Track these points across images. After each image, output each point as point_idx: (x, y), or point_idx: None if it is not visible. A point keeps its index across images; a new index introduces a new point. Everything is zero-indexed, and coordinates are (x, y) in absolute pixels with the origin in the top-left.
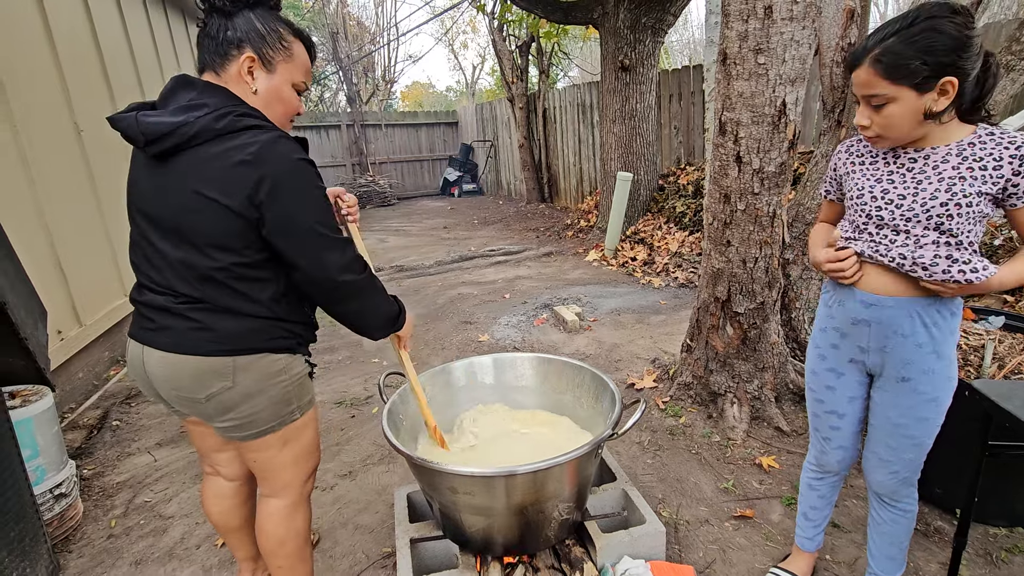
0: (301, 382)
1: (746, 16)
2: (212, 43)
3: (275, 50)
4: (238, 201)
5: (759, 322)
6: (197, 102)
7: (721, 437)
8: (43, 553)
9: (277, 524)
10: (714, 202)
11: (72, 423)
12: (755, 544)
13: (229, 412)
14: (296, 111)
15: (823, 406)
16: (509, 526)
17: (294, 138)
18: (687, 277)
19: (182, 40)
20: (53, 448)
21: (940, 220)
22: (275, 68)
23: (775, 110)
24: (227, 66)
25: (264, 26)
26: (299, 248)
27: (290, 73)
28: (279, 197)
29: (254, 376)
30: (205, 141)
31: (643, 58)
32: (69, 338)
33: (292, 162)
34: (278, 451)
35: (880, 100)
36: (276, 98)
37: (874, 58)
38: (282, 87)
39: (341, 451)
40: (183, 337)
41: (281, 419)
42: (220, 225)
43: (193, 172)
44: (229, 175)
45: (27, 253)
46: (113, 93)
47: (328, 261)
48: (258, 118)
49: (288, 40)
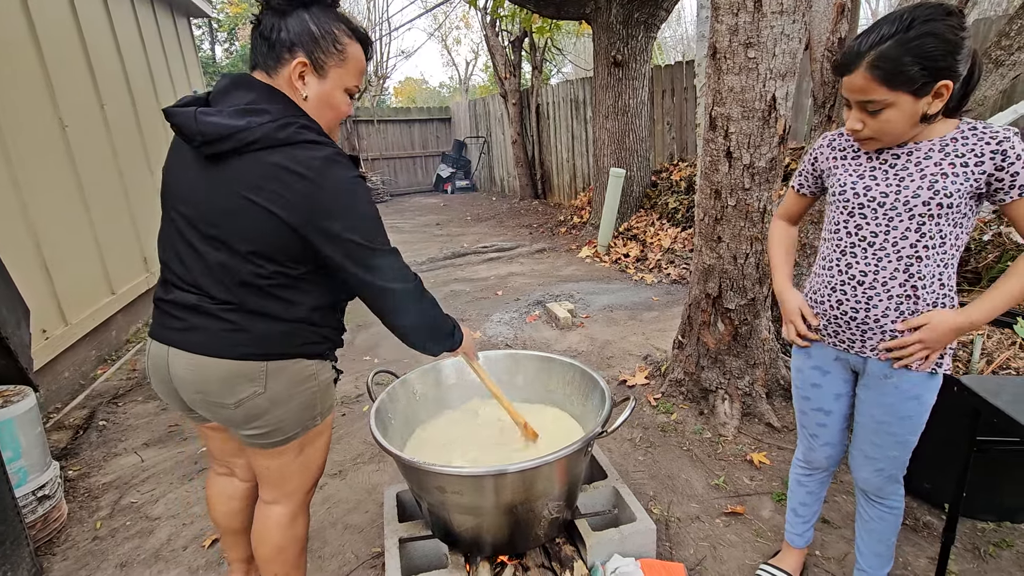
0: (327, 388)
1: (736, 10)
2: (265, 44)
3: (328, 54)
4: (291, 214)
5: (750, 318)
6: (257, 107)
7: (712, 433)
8: (25, 556)
9: (277, 531)
10: (705, 198)
11: (58, 423)
12: (746, 541)
13: (257, 419)
14: (345, 115)
15: (809, 403)
16: (498, 525)
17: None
18: (679, 273)
19: (169, 34)
20: (36, 449)
21: (922, 220)
22: (327, 73)
23: (765, 105)
24: (279, 69)
25: (318, 28)
26: (352, 260)
27: (342, 78)
28: (335, 215)
29: (285, 382)
30: (263, 148)
31: (636, 53)
32: (54, 337)
33: (348, 180)
34: (294, 458)
35: (877, 106)
36: (326, 104)
37: (871, 64)
38: (333, 92)
39: (331, 450)
40: (216, 338)
41: (304, 425)
42: (268, 234)
43: (247, 178)
44: (287, 187)
45: (10, 250)
46: (99, 88)
47: (380, 268)
48: (316, 131)
49: (343, 43)
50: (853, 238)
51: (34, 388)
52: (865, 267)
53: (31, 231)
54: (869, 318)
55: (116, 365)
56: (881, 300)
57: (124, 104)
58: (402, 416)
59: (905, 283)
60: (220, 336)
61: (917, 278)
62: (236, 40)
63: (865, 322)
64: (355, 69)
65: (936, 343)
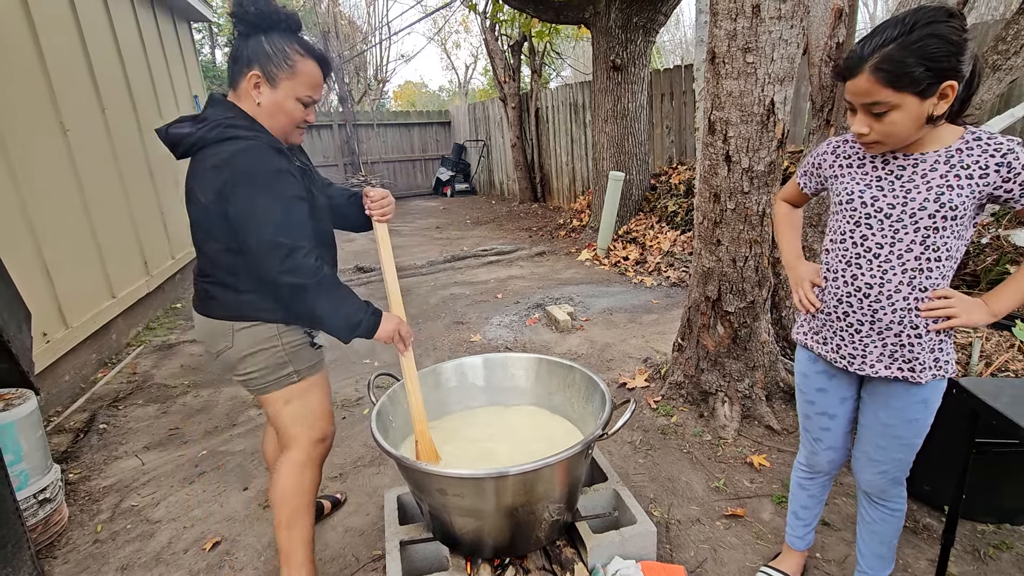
0: (297, 351)
1: (734, 15)
2: (231, 62)
3: (279, 68)
4: (211, 198)
5: (749, 321)
6: (203, 115)
7: (712, 436)
8: (26, 559)
9: (286, 475)
10: (704, 201)
11: (58, 427)
12: (746, 543)
13: (233, 369)
14: (300, 121)
15: (814, 407)
16: (499, 527)
17: (277, 148)
18: (679, 276)
19: (170, 38)
20: (37, 452)
21: (927, 233)
22: (279, 84)
23: (764, 109)
24: (239, 82)
25: (271, 47)
26: (247, 245)
27: (293, 89)
28: (236, 198)
29: (248, 340)
30: (201, 148)
31: (635, 57)
32: (55, 340)
33: (254, 168)
34: (282, 407)
35: (882, 108)
36: (279, 110)
37: (875, 67)
38: (284, 101)
39: (332, 453)
40: (201, 302)
41: (279, 380)
42: (205, 218)
43: (192, 173)
44: (207, 176)
45: (11, 254)
46: (100, 92)
47: (268, 262)
48: (246, 129)
49: (293, 59)
50: (859, 248)
51: (35, 391)
52: (871, 279)
53: (32, 234)
54: (873, 330)
55: (116, 368)
56: (886, 313)
57: (125, 108)
58: (403, 419)
59: (909, 296)
60: (203, 300)
61: (920, 290)
62: None
63: (869, 335)
64: (306, 82)
65: (965, 311)
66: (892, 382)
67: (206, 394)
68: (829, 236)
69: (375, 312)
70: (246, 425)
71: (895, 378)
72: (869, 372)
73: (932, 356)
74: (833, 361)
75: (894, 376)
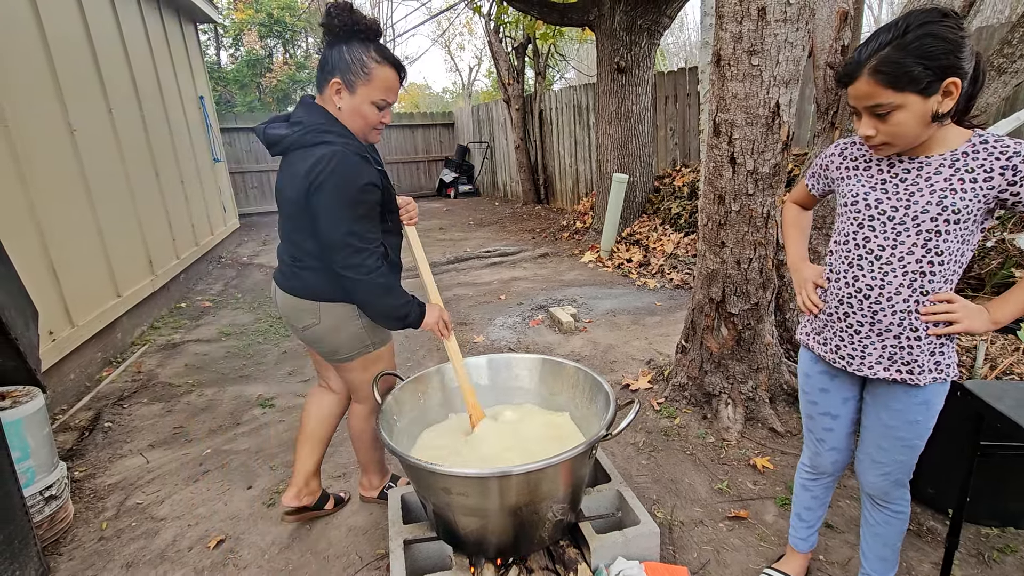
0: (373, 326)
1: (740, 17)
2: (319, 69)
3: (356, 76)
4: (301, 195)
5: (753, 323)
6: (298, 119)
7: (716, 438)
8: (32, 556)
9: (360, 421)
10: (708, 203)
11: (64, 424)
12: (749, 545)
13: (318, 343)
14: (376, 123)
15: (817, 408)
16: (503, 527)
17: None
18: (682, 279)
19: (176, 39)
20: (44, 450)
21: (929, 236)
22: (356, 90)
23: (769, 111)
24: (324, 88)
25: (350, 56)
26: (321, 236)
27: (369, 94)
28: (321, 195)
29: (333, 318)
30: (296, 149)
31: (639, 60)
32: (61, 339)
33: (340, 173)
34: (360, 372)
35: (885, 109)
36: (356, 114)
37: (873, 69)
38: (361, 105)
39: (335, 452)
40: (288, 283)
41: (359, 351)
42: (296, 212)
43: (287, 171)
44: (299, 175)
45: (18, 253)
46: (107, 93)
47: (335, 255)
48: (336, 135)
49: (369, 67)
50: (861, 250)
51: (42, 389)
52: (871, 280)
53: (40, 233)
54: (873, 332)
55: (121, 367)
56: (886, 315)
57: (131, 109)
58: (407, 418)
59: (909, 298)
60: (290, 281)
61: (921, 293)
62: (241, 46)
63: (868, 336)
64: (380, 86)
65: (967, 317)
66: (892, 384)
67: (210, 393)
68: (834, 238)
69: (420, 305)
70: (250, 424)
71: (894, 380)
72: (868, 373)
73: (932, 359)
74: (832, 362)
75: (893, 378)
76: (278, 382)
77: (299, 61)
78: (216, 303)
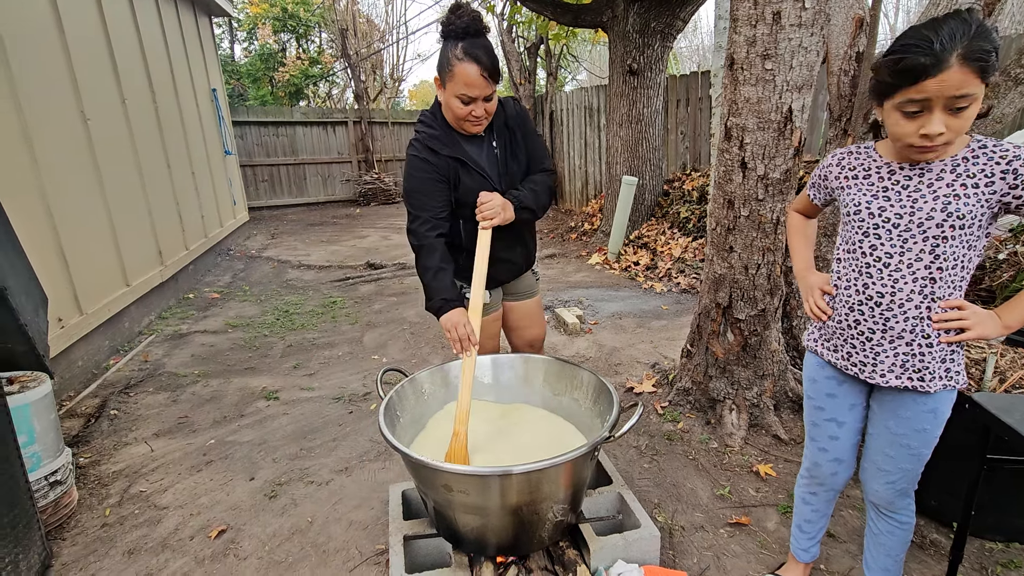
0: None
1: (754, 21)
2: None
3: (445, 73)
4: None
5: (760, 329)
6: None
7: (719, 444)
8: (36, 540)
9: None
10: (718, 207)
11: (70, 411)
12: (750, 552)
13: None
14: (463, 116)
15: (823, 414)
16: (503, 526)
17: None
18: (689, 283)
19: (191, 32)
20: (50, 435)
21: (936, 242)
22: (446, 85)
23: (781, 116)
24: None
25: (443, 56)
26: None
27: (453, 88)
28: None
29: None
30: None
31: (652, 62)
32: (69, 326)
33: (409, 150)
34: None
35: (968, 101)
36: (447, 106)
37: (966, 57)
38: (449, 99)
39: (338, 446)
40: None
41: None
42: None
43: None
44: None
45: (29, 240)
46: (121, 83)
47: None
48: (427, 123)
49: (452, 64)
50: (868, 258)
51: (50, 375)
52: (882, 288)
53: (51, 221)
54: (885, 339)
55: (128, 356)
56: (898, 321)
57: (145, 100)
58: (410, 414)
59: (920, 304)
60: None
61: (932, 299)
62: (255, 40)
63: (880, 343)
64: (460, 82)
65: (979, 323)
66: (901, 391)
67: (215, 384)
68: (840, 246)
69: (446, 301)
70: (254, 416)
71: (904, 387)
72: (879, 381)
73: (943, 366)
74: (844, 368)
75: (904, 385)
76: (283, 375)
77: (312, 56)
78: (224, 295)
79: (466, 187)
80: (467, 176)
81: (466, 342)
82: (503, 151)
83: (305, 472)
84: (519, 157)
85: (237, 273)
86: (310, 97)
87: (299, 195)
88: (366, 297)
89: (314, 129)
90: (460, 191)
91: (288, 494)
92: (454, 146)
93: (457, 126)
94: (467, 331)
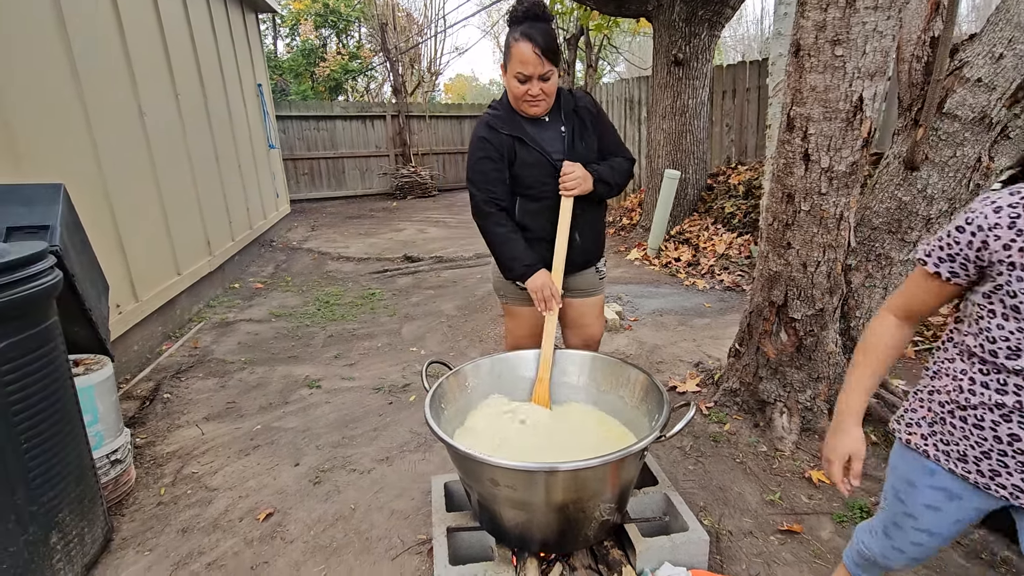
0: (504, 282)
1: (825, 5)
2: None
3: (505, 55)
4: None
5: (816, 329)
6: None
7: (768, 447)
8: (99, 515)
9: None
10: (776, 201)
11: (127, 393)
12: (803, 560)
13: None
14: (521, 95)
15: (914, 523)
16: (548, 523)
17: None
18: (734, 280)
19: (238, 28)
20: (111, 415)
21: None
22: (506, 67)
23: (851, 105)
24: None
25: (505, 40)
26: None
27: (512, 68)
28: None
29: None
30: None
31: (698, 52)
32: (127, 312)
33: (474, 130)
34: (506, 319)
35: None
36: (508, 88)
37: None
38: (509, 80)
39: (379, 436)
40: None
41: (500, 296)
42: None
43: None
44: None
45: (92, 230)
46: (175, 79)
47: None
48: (494, 106)
49: (510, 45)
50: None
51: (111, 358)
52: None
53: (111, 212)
54: None
55: (179, 342)
56: None
57: (195, 95)
58: (455, 407)
59: None
60: None
61: None
62: (297, 35)
63: None
64: (516, 61)
65: None
66: None
67: (261, 371)
68: (976, 329)
69: (528, 267)
70: (298, 404)
71: None
72: None
73: None
74: (983, 486)
75: None
76: (324, 364)
77: (351, 51)
78: (267, 285)
79: (523, 162)
80: (524, 152)
81: (551, 302)
82: (570, 134)
83: (348, 460)
84: (587, 141)
85: (279, 264)
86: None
87: (338, 188)
88: (404, 289)
89: (353, 123)
90: (516, 166)
91: (331, 481)
92: (514, 126)
93: (517, 107)
94: (551, 292)
